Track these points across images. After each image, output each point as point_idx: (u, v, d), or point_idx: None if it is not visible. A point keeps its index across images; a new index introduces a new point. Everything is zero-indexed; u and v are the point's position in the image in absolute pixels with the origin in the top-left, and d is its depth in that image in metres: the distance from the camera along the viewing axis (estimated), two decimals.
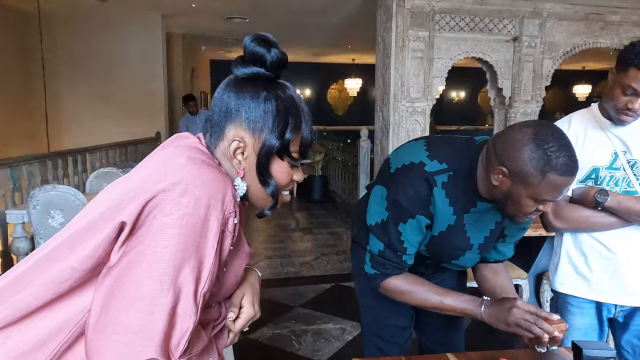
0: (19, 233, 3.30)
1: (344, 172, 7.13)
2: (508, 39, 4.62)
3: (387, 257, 1.25)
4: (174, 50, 8.10)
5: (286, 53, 0.87)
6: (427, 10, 4.42)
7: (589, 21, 4.74)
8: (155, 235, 0.71)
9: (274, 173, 0.85)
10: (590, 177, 1.42)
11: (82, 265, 0.73)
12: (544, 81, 4.75)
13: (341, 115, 13.49)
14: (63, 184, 4.48)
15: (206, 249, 0.74)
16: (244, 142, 0.83)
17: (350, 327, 2.99)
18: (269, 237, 5.35)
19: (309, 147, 0.89)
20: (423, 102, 4.56)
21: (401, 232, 1.21)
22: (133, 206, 0.72)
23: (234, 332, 0.93)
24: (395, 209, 1.20)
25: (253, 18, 7.03)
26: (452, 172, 1.17)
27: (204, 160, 0.80)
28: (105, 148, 5.63)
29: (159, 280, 0.70)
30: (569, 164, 1.01)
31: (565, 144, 1.03)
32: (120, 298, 0.70)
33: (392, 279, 1.27)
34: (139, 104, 7.02)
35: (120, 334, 0.69)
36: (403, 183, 1.19)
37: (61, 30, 6.72)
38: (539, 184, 1.02)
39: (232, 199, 0.78)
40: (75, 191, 3.08)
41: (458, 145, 1.22)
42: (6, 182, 3.70)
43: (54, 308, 0.74)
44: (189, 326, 0.72)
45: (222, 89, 0.86)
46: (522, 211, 1.09)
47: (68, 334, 0.74)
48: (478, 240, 1.27)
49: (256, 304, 0.96)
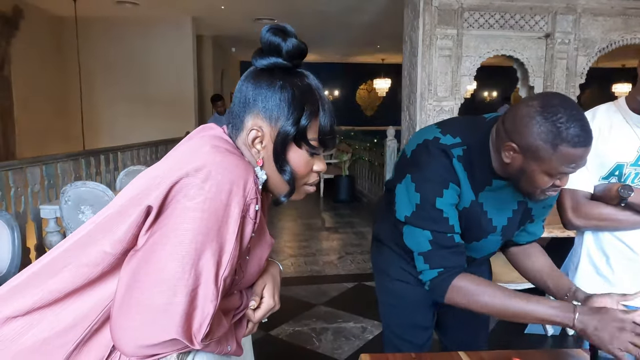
0: (52, 227, 3.42)
1: (370, 172, 7.09)
2: (540, 35, 4.49)
3: (441, 244, 1.11)
4: (204, 52, 8.26)
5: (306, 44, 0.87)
6: (456, 7, 4.35)
7: (626, 16, 4.55)
8: (178, 219, 0.74)
9: (292, 161, 0.85)
10: (614, 173, 1.35)
11: (114, 249, 0.76)
12: (578, 79, 4.59)
13: (370, 115, 13.43)
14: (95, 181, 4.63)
15: (227, 233, 0.76)
16: (262, 132, 0.84)
17: (371, 326, 2.96)
18: (294, 235, 5.37)
19: (330, 136, 0.88)
20: (451, 101, 4.48)
21: (441, 209, 1.10)
22: (159, 191, 0.75)
23: (253, 322, 0.94)
24: (425, 186, 1.12)
25: (281, 19, 7.08)
26: (465, 147, 1.12)
27: (227, 149, 0.82)
28: (136, 147, 5.79)
29: (181, 263, 0.72)
30: (581, 135, 0.95)
31: (575, 114, 0.97)
32: (143, 279, 0.73)
33: (460, 278, 1.11)
34: (170, 105, 7.19)
35: (142, 314, 0.71)
36: (423, 160, 1.14)
37: (96, 33, 6.95)
38: (551, 157, 0.98)
39: (254, 186, 0.80)
40: (104, 187, 3.17)
41: (469, 122, 1.20)
42: (41, 179, 3.86)
43: (86, 292, 0.77)
44: (210, 310, 0.74)
45: (242, 80, 0.88)
46: (538, 187, 1.04)
47: (97, 317, 0.77)
48: (501, 221, 1.21)
49: (276, 295, 0.96)
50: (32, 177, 3.76)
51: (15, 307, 0.77)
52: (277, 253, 4.55)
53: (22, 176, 3.68)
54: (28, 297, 0.77)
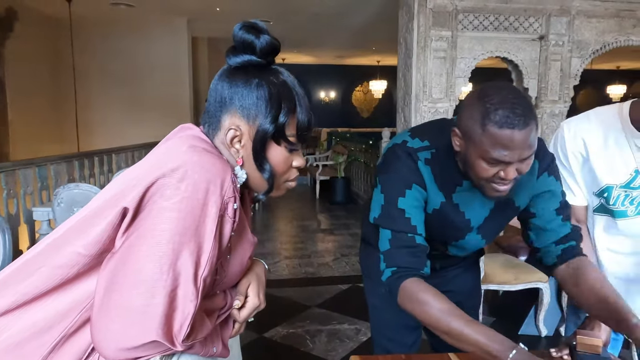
0: (45, 229, 3.41)
1: (366, 174, 7.09)
2: (534, 37, 4.51)
3: (397, 244, 1.10)
4: (200, 53, 8.25)
5: (279, 41, 0.86)
6: (450, 9, 4.36)
7: (620, 18, 4.58)
8: (154, 219, 0.73)
9: (271, 158, 0.85)
10: (602, 195, 1.31)
11: (89, 251, 0.75)
12: (572, 80, 4.61)
13: (366, 117, 13.44)
14: (89, 183, 4.61)
15: (205, 233, 0.75)
16: (240, 131, 0.84)
17: (365, 327, 2.95)
18: (289, 237, 5.37)
19: (307, 131, 0.88)
20: (445, 103, 4.49)
21: (403, 209, 1.10)
22: (135, 192, 0.74)
23: (239, 322, 0.94)
24: (389, 185, 1.13)
25: (277, 21, 7.08)
26: (434, 150, 1.13)
27: (204, 148, 0.81)
28: (130, 149, 5.77)
29: (159, 264, 0.72)
30: (509, 116, 0.94)
31: (509, 98, 0.96)
32: (122, 281, 0.72)
33: (411, 282, 1.08)
34: (166, 107, 7.17)
35: (121, 316, 0.71)
36: (390, 162, 1.15)
37: (91, 35, 6.93)
38: (481, 138, 0.97)
39: (232, 184, 0.79)
40: (97, 189, 3.15)
41: (439, 125, 1.20)
42: (34, 181, 3.84)
43: (62, 292, 0.77)
44: (191, 310, 0.73)
45: (216, 79, 0.87)
46: (481, 177, 1.02)
47: (74, 317, 0.76)
48: (477, 221, 1.20)
49: (261, 294, 0.96)
50: (25, 179, 3.74)
51: None
52: (272, 255, 4.54)
53: (15, 178, 3.66)
54: (3, 300, 0.76)
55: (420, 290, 1.05)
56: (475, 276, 1.50)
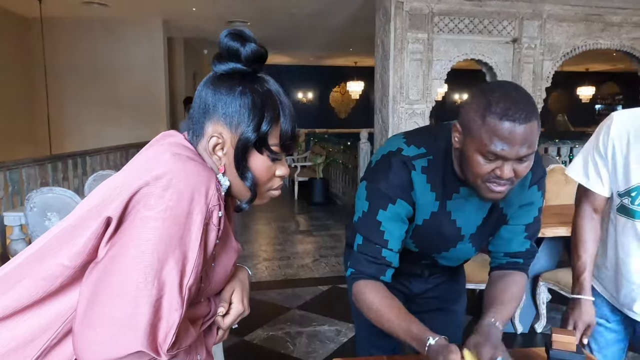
0: (17, 235, 3.31)
1: (344, 175, 7.12)
2: (507, 40, 4.61)
3: (364, 251, 1.13)
4: (176, 54, 8.15)
5: (266, 49, 0.86)
6: (426, 12, 4.42)
7: (589, 22, 4.72)
8: (139, 229, 0.72)
9: (253, 167, 0.85)
10: (629, 194, 1.26)
11: (73, 262, 0.73)
12: (544, 82, 4.73)
13: (344, 118, 13.49)
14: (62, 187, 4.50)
15: (190, 242, 0.75)
16: (223, 138, 0.83)
17: (345, 328, 2.97)
18: (269, 239, 5.35)
19: (291, 141, 0.88)
20: (422, 104, 4.55)
21: (380, 222, 1.11)
22: (118, 201, 0.74)
23: (223, 329, 0.93)
24: (374, 196, 1.13)
25: (254, 22, 7.05)
26: (431, 157, 1.12)
27: (188, 156, 0.81)
28: (106, 151, 5.66)
29: (143, 273, 0.71)
30: (510, 109, 0.93)
31: (512, 94, 0.95)
32: (105, 291, 0.71)
33: (363, 282, 1.13)
34: (141, 108, 7.06)
35: (106, 327, 0.69)
36: (381, 170, 1.14)
37: (63, 35, 6.77)
38: (480, 130, 0.96)
39: (216, 193, 0.79)
40: (72, 193, 3.09)
41: (433, 130, 1.20)
42: (4, 185, 3.73)
43: (44, 305, 0.75)
44: (175, 320, 0.73)
45: (201, 86, 0.86)
46: (478, 173, 1.00)
47: (57, 330, 0.75)
48: (469, 229, 1.20)
49: (245, 300, 0.96)
50: None
51: None
52: (251, 257, 4.52)
53: None
54: None
55: (364, 292, 1.13)
56: (462, 281, 1.52)
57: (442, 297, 1.44)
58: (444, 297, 1.45)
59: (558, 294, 2.86)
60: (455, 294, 1.48)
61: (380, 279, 1.14)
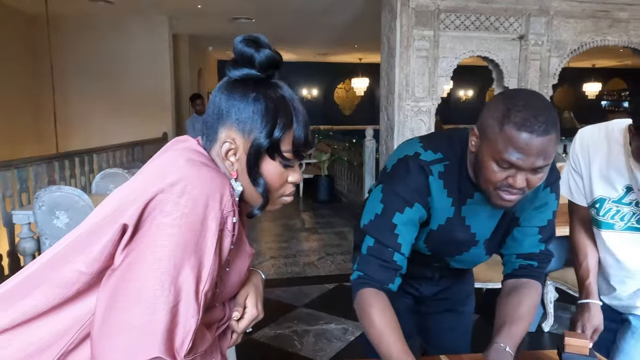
0: (25, 233, 3.34)
1: (349, 172, 7.12)
2: (514, 37, 4.58)
3: (375, 253, 1.11)
4: (181, 51, 8.15)
5: (279, 52, 0.86)
6: (432, 9, 4.40)
7: (596, 19, 4.68)
8: (155, 236, 0.73)
9: (265, 173, 0.85)
10: (594, 205, 1.33)
11: (90, 268, 0.74)
12: (551, 79, 4.70)
13: (348, 114, 13.48)
14: (70, 184, 4.53)
15: (206, 248, 0.75)
16: (235, 144, 0.84)
17: (352, 327, 2.98)
18: (274, 237, 5.36)
19: (304, 148, 0.87)
20: (428, 102, 4.54)
21: (396, 224, 1.10)
22: (134, 208, 0.74)
23: (238, 333, 0.94)
24: (391, 199, 1.11)
25: (259, 18, 7.05)
26: (447, 162, 1.12)
27: (202, 162, 0.81)
28: (112, 149, 5.68)
29: (160, 280, 0.71)
30: (530, 120, 0.92)
31: (534, 104, 0.95)
32: (123, 298, 0.71)
33: (369, 292, 1.09)
34: (146, 105, 7.07)
35: (124, 334, 0.70)
36: (399, 174, 1.13)
37: (69, 32, 6.79)
38: (497, 137, 0.95)
39: (231, 198, 0.79)
40: (80, 192, 3.10)
41: (450, 135, 1.19)
42: (13, 183, 3.75)
43: (61, 311, 0.76)
44: (192, 325, 0.73)
45: (216, 91, 0.87)
46: (490, 180, 1.00)
47: (74, 335, 0.75)
48: (484, 235, 1.19)
49: (259, 304, 0.96)
50: (4, 181, 3.66)
51: None
52: (257, 255, 4.54)
53: None
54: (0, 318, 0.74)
55: (370, 305, 1.07)
56: (471, 282, 1.52)
57: (452, 298, 1.45)
58: (453, 298, 1.45)
59: (565, 293, 2.85)
60: (464, 295, 1.48)
61: (388, 287, 1.11)
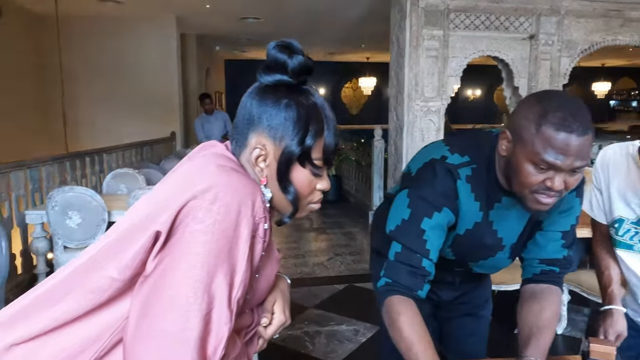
0: (38, 233, 3.36)
1: (357, 172, 7.11)
2: (524, 37, 4.56)
3: (403, 260, 1.09)
4: (188, 50, 8.17)
5: (313, 61, 0.85)
6: (442, 8, 4.38)
7: (608, 18, 4.65)
8: (188, 243, 0.73)
9: (295, 181, 0.84)
10: (613, 225, 1.34)
11: (122, 275, 0.74)
12: (562, 79, 4.67)
13: (355, 114, 13.46)
14: (81, 184, 4.55)
15: (238, 254, 0.75)
16: (266, 150, 0.83)
17: (363, 328, 2.98)
18: (283, 237, 5.37)
19: (334, 155, 0.87)
20: (437, 102, 4.52)
21: (424, 230, 1.07)
22: (166, 215, 0.74)
23: (265, 339, 0.94)
24: (419, 204, 1.09)
25: (267, 18, 7.05)
26: (475, 165, 1.09)
27: (232, 168, 0.81)
28: (121, 149, 5.71)
29: (193, 287, 0.71)
30: (567, 119, 0.90)
31: (570, 105, 0.93)
32: (156, 305, 0.72)
33: (398, 299, 1.07)
34: (154, 105, 7.09)
35: (157, 340, 0.70)
36: (426, 178, 1.11)
37: (78, 32, 6.81)
38: (534, 139, 0.93)
39: (262, 205, 0.79)
40: (92, 192, 3.12)
41: (477, 137, 1.18)
42: (26, 183, 3.78)
43: (93, 316, 0.76)
44: (225, 333, 0.73)
45: (247, 96, 0.86)
46: (526, 184, 0.97)
47: (105, 341, 0.76)
48: (510, 239, 1.18)
49: (287, 310, 0.96)
50: (16, 181, 3.68)
51: (19, 334, 0.75)
52: None
53: (6, 180, 3.60)
54: (32, 324, 0.75)
55: (399, 312, 1.05)
56: (489, 287, 1.52)
57: (471, 302, 1.44)
58: (472, 302, 1.45)
59: (579, 296, 2.83)
60: (482, 299, 1.48)
61: (417, 294, 1.10)
